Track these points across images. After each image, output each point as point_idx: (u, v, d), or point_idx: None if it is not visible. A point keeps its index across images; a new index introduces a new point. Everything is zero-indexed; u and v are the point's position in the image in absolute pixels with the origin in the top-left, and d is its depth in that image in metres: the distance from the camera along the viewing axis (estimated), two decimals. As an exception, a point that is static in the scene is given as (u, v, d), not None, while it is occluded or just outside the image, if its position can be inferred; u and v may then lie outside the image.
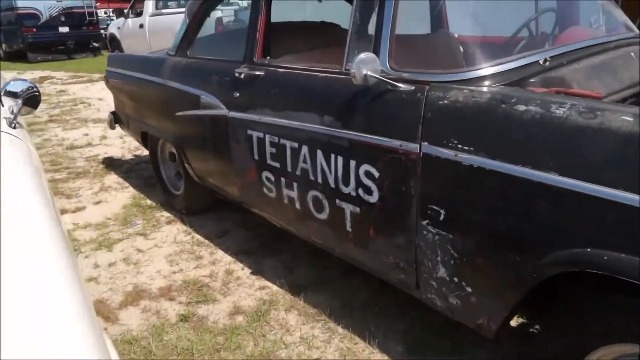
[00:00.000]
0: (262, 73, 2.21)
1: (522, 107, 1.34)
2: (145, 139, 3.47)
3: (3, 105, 1.46)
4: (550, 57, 1.64)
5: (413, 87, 1.61)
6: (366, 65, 1.62)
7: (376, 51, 1.74)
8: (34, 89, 1.49)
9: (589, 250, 1.20)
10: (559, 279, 1.33)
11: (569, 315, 1.44)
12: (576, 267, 1.24)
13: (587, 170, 1.19)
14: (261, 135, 2.18)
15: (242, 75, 2.29)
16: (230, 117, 2.35)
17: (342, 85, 1.81)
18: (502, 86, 1.51)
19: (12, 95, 1.46)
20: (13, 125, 1.42)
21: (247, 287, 2.42)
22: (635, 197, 1.10)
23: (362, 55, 1.62)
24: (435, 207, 1.54)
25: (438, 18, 2.44)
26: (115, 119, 3.80)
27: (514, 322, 1.97)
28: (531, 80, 1.54)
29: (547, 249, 1.29)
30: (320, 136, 1.88)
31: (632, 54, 1.77)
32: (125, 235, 3.03)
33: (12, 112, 1.45)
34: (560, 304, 1.51)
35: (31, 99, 1.49)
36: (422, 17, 2.31)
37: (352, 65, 1.62)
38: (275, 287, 2.39)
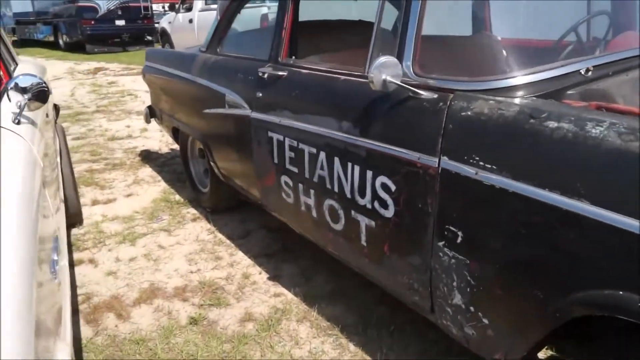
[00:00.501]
0: (285, 73, 2.13)
1: (553, 124, 1.18)
2: (176, 134, 3.47)
3: (10, 100, 1.44)
4: (594, 66, 1.47)
5: (436, 95, 1.47)
6: (386, 70, 1.50)
7: (400, 54, 1.61)
8: (43, 84, 1.47)
9: (621, 293, 1.04)
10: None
11: (605, 352, 1.27)
12: (605, 312, 1.08)
13: (624, 202, 1.03)
14: (281, 138, 2.10)
15: (266, 75, 2.21)
16: (253, 118, 2.29)
17: (362, 89, 1.69)
18: (535, 98, 1.35)
19: (21, 90, 1.44)
20: (17, 120, 1.40)
21: (262, 293, 2.35)
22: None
23: (382, 59, 1.50)
24: (452, 228, 1.40)
25: (475, 18, 2.28)
26: (151, 113, 3.83)
27: (542, 355, 1.80)
28: (569, 92, 1.37)
29: (573, 287, 1.14)
30: (338, 143, 1.78)
31: (693, 65, 1.56)
32: (150, 230, 3.03)
33: (18, 107, 1.43)
34: (596, 338, 1.35)
35: (40, 94, 1.47)
36: (456, 17, 2.15)
37: (371, 69, 1.50)
38: (290, 295, 2.31)
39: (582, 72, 1.44)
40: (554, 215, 1.14)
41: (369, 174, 1.66)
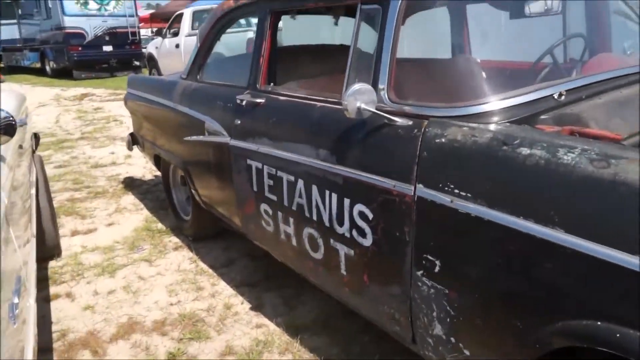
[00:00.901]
0: (263, 100, 2.11)
1: (525, 151, 1.17)
2: (158, 161, 3.43)
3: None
4: (567, 90, 1.46)
5: (411, 122, 1.46)
6: (361, 97, 1.49)
7: (375, 80, 1.61)
8: (9, 117, 1.43)
9: (598, 324, 1.01)
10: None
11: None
12: (585, 343, 1.05)
13: (598, 230, 1.01)
14: (260, 165, 2.07)
15: (244, 102, 2.20)
16: (232, 145, 2.26)
17: (339, 116, 1.67)
18: (509, 124, 1.34)
19: (-13, 124, 1.40)
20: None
21: (243, 325, 2.28)
22: (655, 266, 0.92)
23: (356, 86, 1.49)
24: (430, 257, 1.37)
25: (454, 41, 2.30)
26: (133, 140, 3.80)
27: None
28: (543, 117, 1.36)
29: (552, 318, 1.11)
30: (315, 170, 1.75)
31: (665, 87, 1.56)
32: (130, 260, 2.96)
33: (-17, 142, 1.40)
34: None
35: (7, 128, 1.44)
36: (435, 40, 2.17)
37: (345, 97, 1.49)
38: (272, 326, 2.25)
39: (556, 97, 1.43)
40: (529, 243, 1.12)
41: (347, 202, 1.63)
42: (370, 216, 1.54)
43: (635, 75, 1.66)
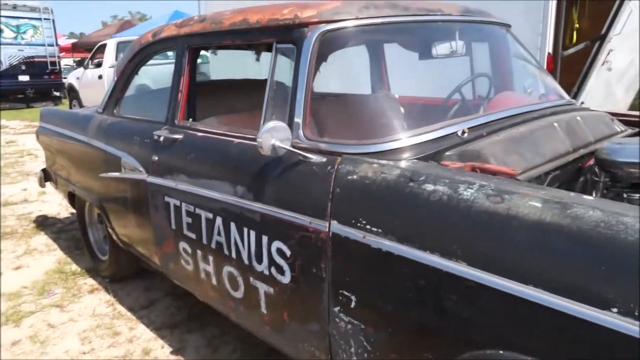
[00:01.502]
0: (181, 136, 2.07)
1: (430, 187, 1.22)
2: (72, 198, 3.25)
3: None
4: (470, 127, 1.56)
5: (325, 159, 1.49)
6: (276, 134, 1.50)
7: (291, 118, 1.62)
8: None
9: (501, 352, 1.06)
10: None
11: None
12: (489, 372, 1.09)
13: (496, 262, 1.06)
14: (178, 203, 2.01)
15: (161, 138, 2.14)
16: (149, 182, 2.18)
17: (256, 153, 1.66)
18: (416, 160, 1.40)
19: None
20: None
21: (162, 371, 2.17)
22: (546, 296, 0.97)
23: (271, 124, 1.50)
24: (346, 293, 1.38)
25: (367, 79, 2.39)
26: (46, 176, 3.58)
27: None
28: (447, 153, 1.43)
29: (460, 348, 1.14)
30: (233, 208, 1.73)
31: (556, 124, 1.70)
32: (39, 307, 2.74)
33: None
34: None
35: None
36: (348, 77, 2.24)
37: (259, 134, 1.49)
38: (194, 370, 2.15)
39: (459, 134, 1.52)
40: (437, 277, 1.15)
41: (265, 239, 1.61)
42: (288, 253, 1.54)
43: (531, 113, 1.80)
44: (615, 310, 0.90)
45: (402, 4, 1.84)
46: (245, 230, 1.69)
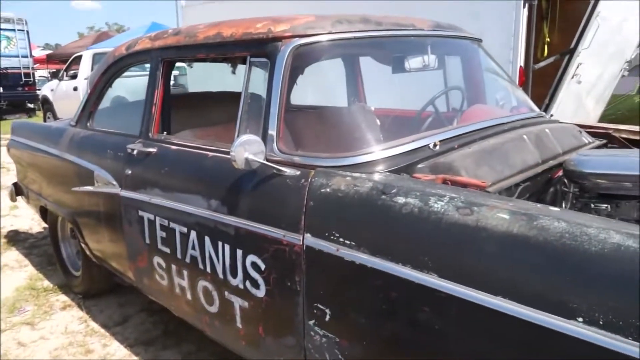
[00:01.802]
0: (155, 150, 2.05)
1: (402, 200, 1.23)
2: (45, 213, 3.18)
3: None
4: (442, 140, 1.58)
5: (298, 172, 1.49)
6: (249, 148, 1.50)
7: (265, 131, 1.63)
8: None
9: (473, 365, 1.07)
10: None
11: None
12: (463, 384, 1.09)
13: (466, 274, 1.07)
14: (152, 217, 1.99)
15: (135, 152, 2.12)
16: (123, 196, 2.15)
17: (230, 167, 1.66)
18: (389, 173, 1.41)
19: None
20: None
21: (136, 389, 2.13)
22: (515, 307, 0.99)
23: (244, 137, 1.50)
24: (320, 306, 1.38)
25: (341, 92, 2.41)
26: (17, 190, 3.50)
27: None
28: (419, 166, 1.45)
29: (432, 360, 1.15)
30: (207, 221, 1.71)
31: (525, 136, 1.74)
32: (8, 325, 2.67)
33: None
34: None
35: None
36: (322, 91, 2.26)
37: (233, 148, 1.49)
38: (169, 388, 2.11)
39: (431, 147, 1.54)
40: (409, 289, 1.16)
41: (239, 253, 1.60)
42: (263, 267, 1.53)
43: (502, 126, 1.84)
44: (580, 319, 0.92)
45: (375, 18, 1.86)
46: (220, 244, 1.67)
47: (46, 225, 4.17)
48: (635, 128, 2.26)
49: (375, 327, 1.26)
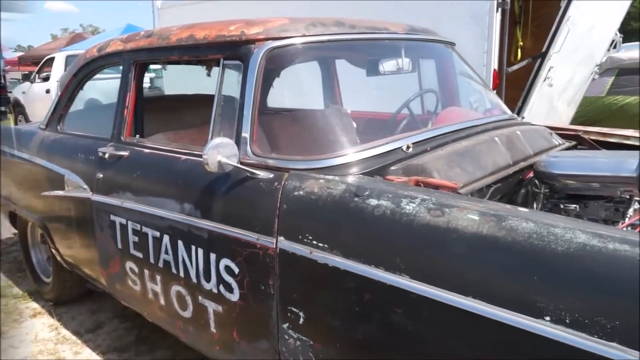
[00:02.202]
0: (127, 153, 2.02)
1: (374, 202, 1.23)
2: (14, 218, 3.10)
3: None
4: (415, 142, 1.59)
5: (272, 175, 1.48)
6: (222, 151, 1.48)
7: (239, 134, 1.61)
8: None
9: (446, 365, 1.07)
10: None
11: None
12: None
13: (437, 275, 1.08)
14: (124, 221, 1.96)
15: (107, 155, 2.08)
16: (94, 200, 2.11)
17: (203, 170, 1.64)
18: (362, 175, 1.41)
19: None
20: None
21: (109, 397, 2.08)
22: (485, 307, 1.00)
23: (217, 140, 1.49)
24: (294, 309, 1.37)
25: (316, 94, 2.40)
26: (-15, 195, 3.40)
27: None
28: (392, 168, 1.46)
29: (407, 362, 1.15)
30: (181, 225, 1.69)
31: (497, 138, 1.76)
32: (-25, 334, 2.59)
33: None
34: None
35: None
36: (296, 93, 2.25)
37: (205, 151, 1.47)
38: (142, 395, 2.08)
39: (404, 149, 1.55)
40: (382, 291, 1.16)
41: (213, 256, 1.59)
42: (236, 270, 1.51)
43: (474, 128, 1.86)
44: (548, 318, 0.93)
45: (349, 21, 1.87)
46: (193, 248, 1.65)
47: (15, 231, 4.08)
48: (604, 130, 2.32)
49: (348, 329, 1.26)
